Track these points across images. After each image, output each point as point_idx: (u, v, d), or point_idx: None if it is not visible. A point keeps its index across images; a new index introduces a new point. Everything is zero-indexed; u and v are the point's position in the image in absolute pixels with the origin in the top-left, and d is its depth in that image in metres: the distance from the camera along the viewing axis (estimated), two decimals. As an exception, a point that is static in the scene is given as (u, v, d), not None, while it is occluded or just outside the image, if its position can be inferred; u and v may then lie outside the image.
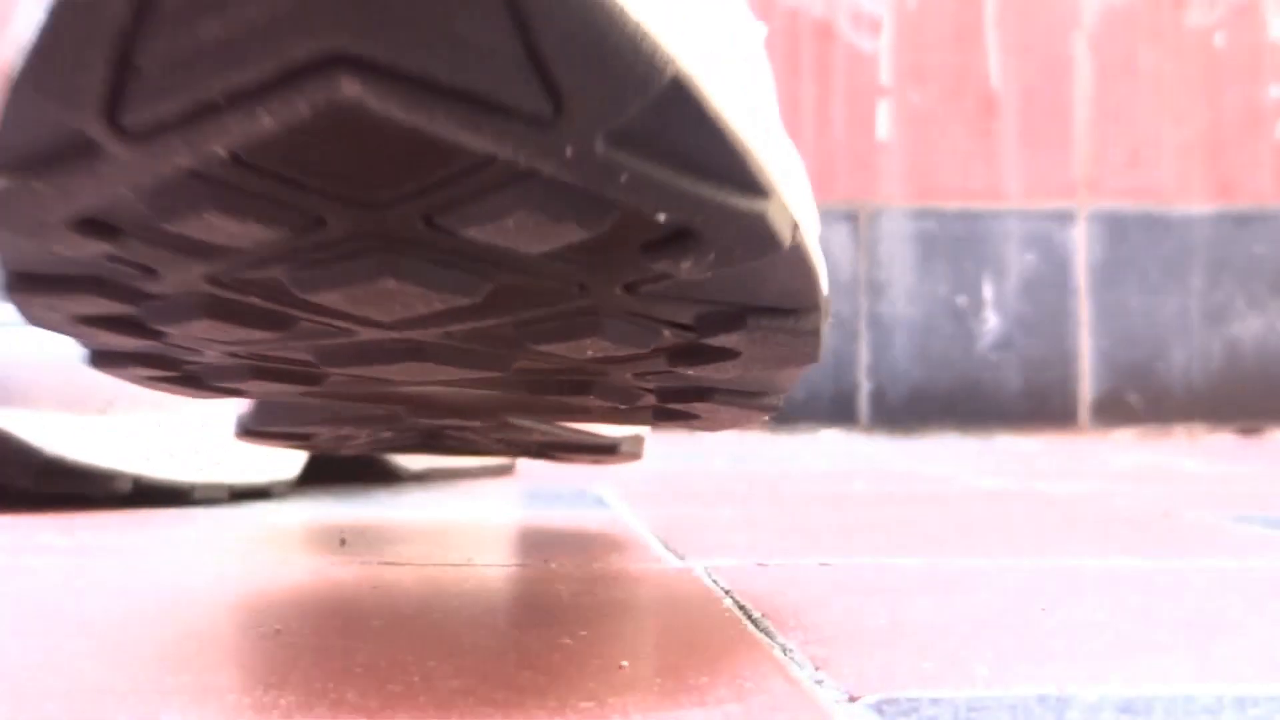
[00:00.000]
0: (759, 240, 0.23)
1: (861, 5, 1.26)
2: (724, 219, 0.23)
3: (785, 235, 0.24)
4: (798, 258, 0.25)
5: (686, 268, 0.24)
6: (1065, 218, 1.26)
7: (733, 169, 0.22)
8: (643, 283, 0.25)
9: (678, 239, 0.23)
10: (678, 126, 0.21)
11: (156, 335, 0.28)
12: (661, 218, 0.22)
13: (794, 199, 0.25)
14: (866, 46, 1.26)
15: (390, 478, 0.70)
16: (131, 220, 0.24)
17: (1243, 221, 1.27)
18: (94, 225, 0.24)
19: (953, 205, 1.25)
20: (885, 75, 1.26)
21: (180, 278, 0.25)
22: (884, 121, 1.26)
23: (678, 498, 0.64)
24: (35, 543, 0.45)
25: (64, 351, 0.56)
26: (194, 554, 0.45)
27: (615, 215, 0.22)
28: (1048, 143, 1.27)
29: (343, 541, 0.47)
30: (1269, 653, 0.28)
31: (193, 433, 0.58)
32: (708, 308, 0.26)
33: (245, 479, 0.60)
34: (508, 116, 0.20)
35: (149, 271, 0.25)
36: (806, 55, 1.24)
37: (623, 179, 0.21)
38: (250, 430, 0.39)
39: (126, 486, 0.56)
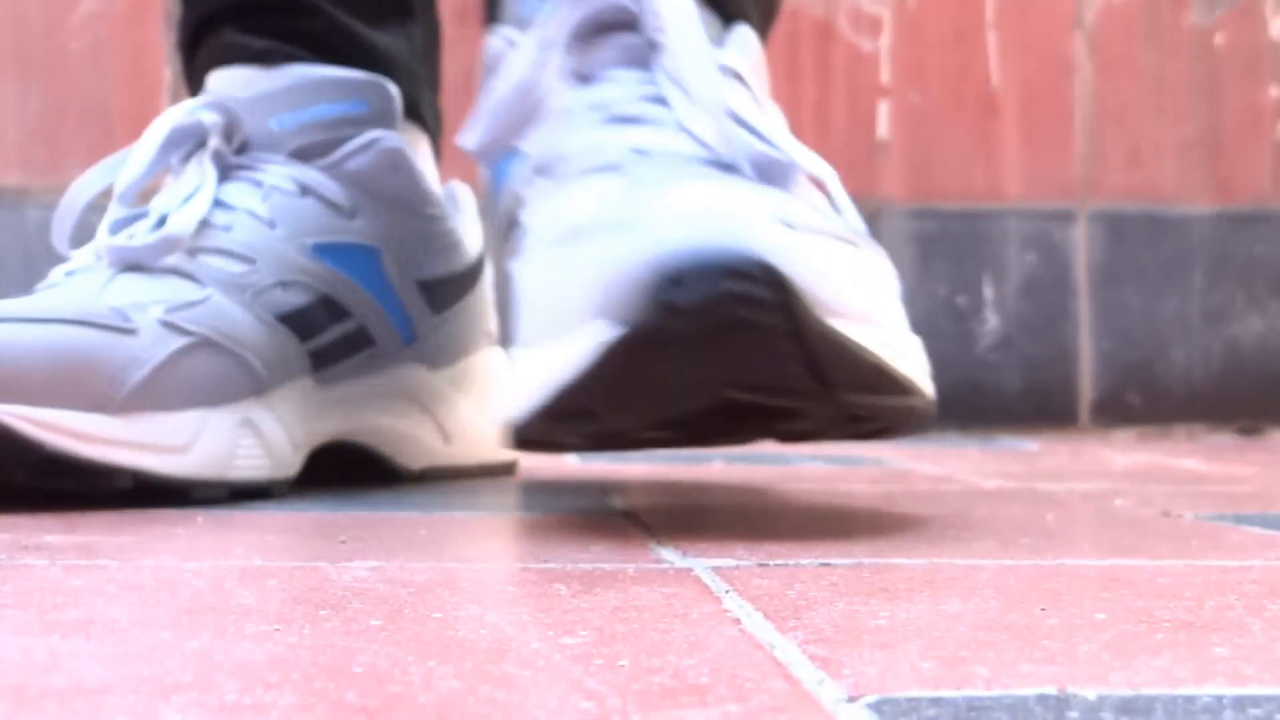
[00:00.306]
0: (912, 415, 0.48)
1: (861, 5, 1.26)
2: (895, 410, 0.47)
3: (922, 407, 0.48)
4: (926, 406, 0.49)
5: (874, 427, 0.48)
6: (1065, 218, 1.26)
7: (901, 391, 0.46)
8: (853, 427, 0.48)
9: (873, 417, 0.47)
10: (878, 383, 0.45)
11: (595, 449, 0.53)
12: (865, 412, 0.46)
13: (927, 385, 0.49)
14: (866, 46, 1.26)
15: (390, 478, 0.70)
16: (600, 436, 0.49)
17: (1243, 221, 1.27)
18: (586, 437, 0.49)
19: (953, 205, 1.25)
20: (885, 75, 1.26)
21: (618, 442, 0.51)
22: (884, 121, 1.26)
23: (678, 497, 0.64)
24: (35, 542, 0.45)
25: (64, 346, 0.56)
26: (193, 553, 0.45)
27: (845, 414, 0.46)
28: (1048, 143, 1.27)
29: (343, 541, 0.47)
30: (1269, 653, 0.28)
31: (193, 430, 0.58)
32: (883, 424, 0.49)
33: (245, 477, 0.60)
34: (801, 394, 0.44)
35: (607, 441, 0.50)
36: (806, 55, 1.24)
37: (851, 404, 0.45)
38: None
39: (127, 483, 0.56)
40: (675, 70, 0.54)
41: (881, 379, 0.45)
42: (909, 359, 0.47)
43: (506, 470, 0.76)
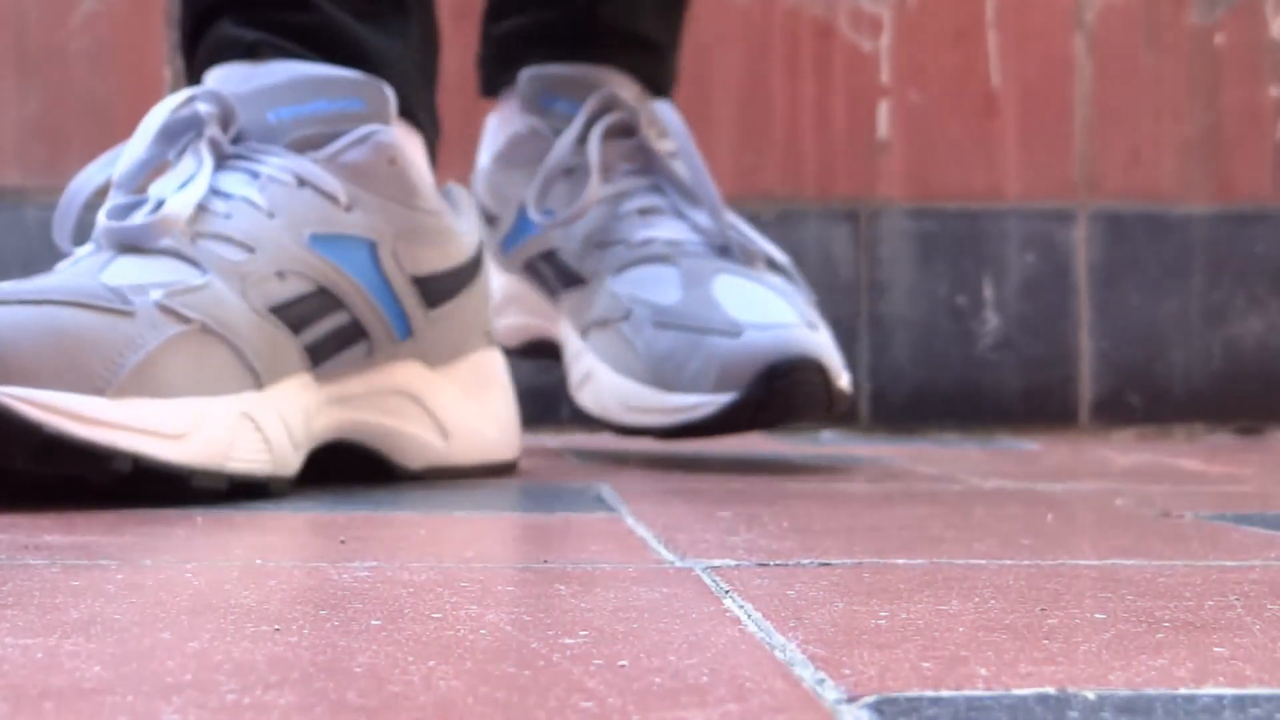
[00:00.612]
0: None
1: (861, 5, 1.26)
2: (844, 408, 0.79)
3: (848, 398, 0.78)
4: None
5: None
6: (1065, 218, 1.26)
7: (843, 402, 0.77)
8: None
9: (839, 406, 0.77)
10: (846, 401, 0.77)
11: None
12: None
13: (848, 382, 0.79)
14: (866, 46, 1.26)
15: (390, 477, 0.70)
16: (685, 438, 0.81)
17: (1243, 221, 1.27)
18: (676, 439, 0.81)
19: (953, 205, 1.25)
20: (885, 75, 1.26)
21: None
22: (884, 121, 1.26)
23: (678, 497, 0.64)
24: (35, 542, 0.45)
25: (61, 326, 0.56)
26: (193, 553, 0.45)
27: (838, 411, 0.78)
28: (1048, 143, 1.27)
29: (343, 541, 0.47)
30: (1269, 653, 0.28)
31: (191, 418, 0.58)
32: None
33: (245, 470, 0.60)
34: (820, 416, 0.77)
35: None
36: (806, 55, 1.24)
37: (840, 410, 0.77)
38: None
39: (126, 466, 0.55)
40: (668, 170, 0.84)
41: (846, 398, 0.77)
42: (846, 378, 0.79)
43: (506, 469, 0.76)
